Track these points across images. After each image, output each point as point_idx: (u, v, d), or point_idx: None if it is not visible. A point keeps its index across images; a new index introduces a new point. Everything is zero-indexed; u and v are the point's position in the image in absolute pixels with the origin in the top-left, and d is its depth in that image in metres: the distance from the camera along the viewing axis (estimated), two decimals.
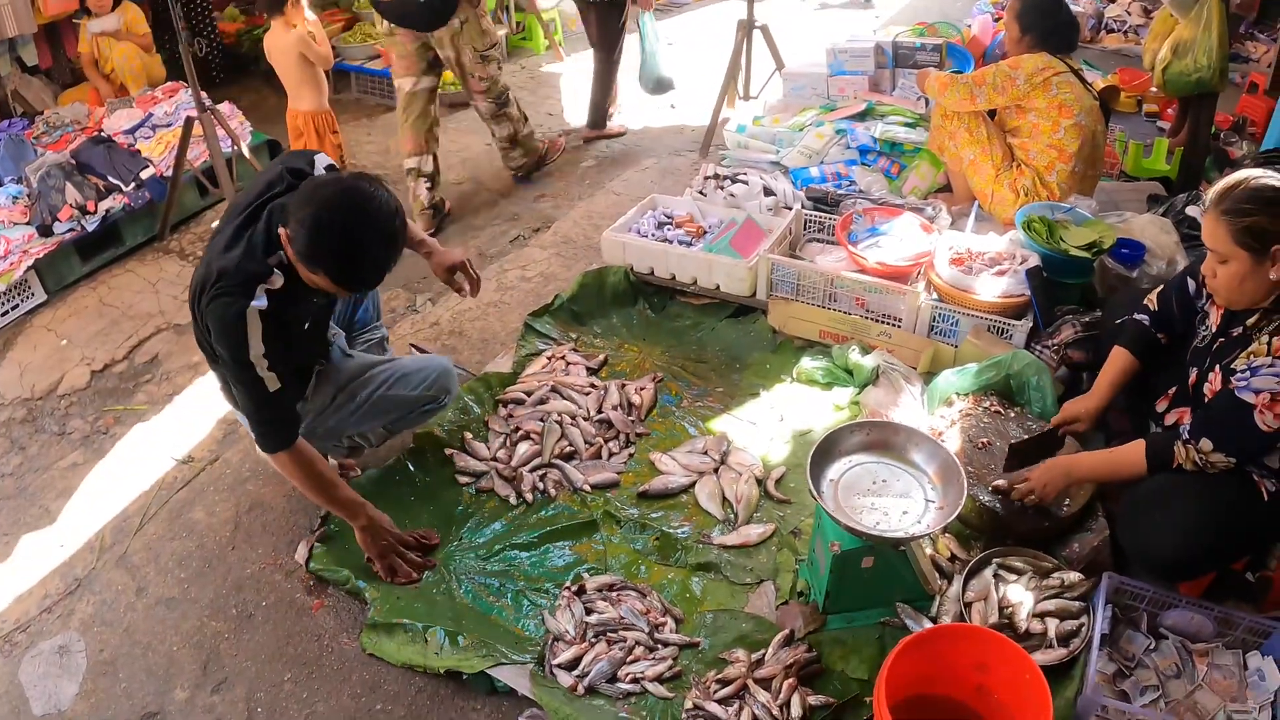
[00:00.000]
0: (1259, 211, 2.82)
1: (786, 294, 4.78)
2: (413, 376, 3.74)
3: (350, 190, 3.03)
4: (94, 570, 3.75)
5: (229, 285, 3.08)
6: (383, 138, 7.86)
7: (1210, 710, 2.97)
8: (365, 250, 3.05)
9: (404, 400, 3.75)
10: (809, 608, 3.34)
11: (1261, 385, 2.83)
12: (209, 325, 3.14)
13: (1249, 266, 2.87)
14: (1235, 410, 2.89)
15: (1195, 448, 2.99)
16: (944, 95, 5.17)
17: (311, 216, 2.96)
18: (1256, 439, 2.88)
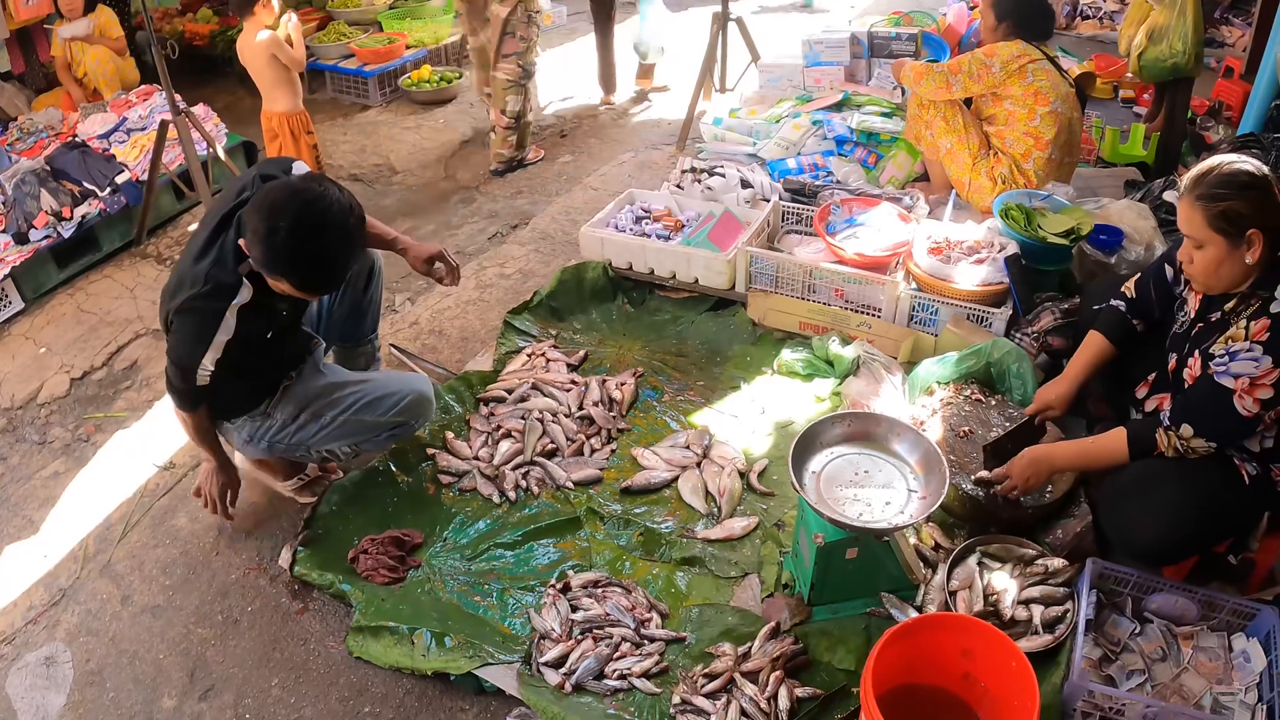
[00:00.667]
0: (1233, 196, 2.83)
1: (765, 286, 4.77)
2: (383, 401, 3.67)
3: (299, 193, 3.03)
4: (78, 580, 3.73)
5: (198, 299, 3.12)
6: (359, 137, 7.83)
7: (1196, 692, 2.98)
8: (324, 251, 3.05)
9: (371, 425, 3.69)
10: (794, 600, 3.34)
11: (1240, 370, 2.84)
12: (175, 334, 3.21)
13: (1225, 251, 2.88)
14: (1215, 395, 2.90)
15: (1176, 434, 3.00)
16: (920, 84, 5.17)
17: (265, 225, 2.97)
18: (1236, 423, 2.90)
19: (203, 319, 3.12)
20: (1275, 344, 2.81)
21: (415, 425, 3.83)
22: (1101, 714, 2.90)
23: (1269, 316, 2.85)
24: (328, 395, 3.63)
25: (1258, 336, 2.84)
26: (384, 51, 8.51)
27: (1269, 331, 2.83)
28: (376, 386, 3.71)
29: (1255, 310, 2.90)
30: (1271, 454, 3.05)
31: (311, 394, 3.63)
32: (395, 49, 8.60)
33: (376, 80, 8.51)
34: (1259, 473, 3.06)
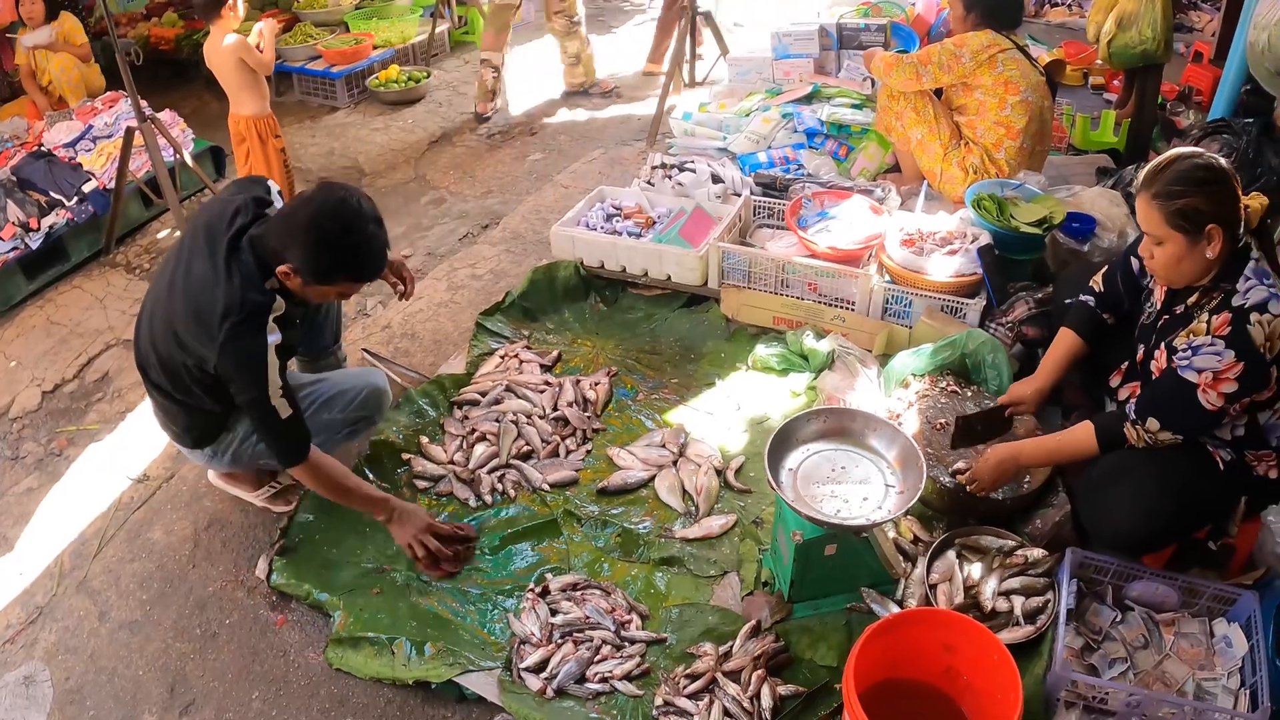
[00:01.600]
0: (1190, 193, 2.82)
1: (738, 282, 4.76)
2: (338, 399, 3.67)
3: (328, 197, 3.15)
4: (55, 597, 3.68)
5: (243, 323, 3.12)
6: (327, 139, 7.78)
7: (1179, 679, 2.99)
8: (370, 240, 3.20)
9: (330, 423, 3.67)
10: (774, 597, 3.33)
11: (1203, 364, 2.85)
12: (227, 361, 3.14)
13: (1184, 248, 2.88)
14: (1179, 390, 2.91)
15: (1143, 428, 3.01)
16: (890, 76, 5.15)
17: (313, 240, 3.09)
18: (1201, 417, 2.91)
19: (255, 341, 3.14)
20: (1237, 338, 2.81)
21: (374, 419, 3.83)
22: (1085, 703, 2.90)
23: (1230, 310, 2.85)
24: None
25: (1219, 331, 2.84)
26: (350, 52, 8.45)
27: (1230, 325, 2.83)
28: (330, 385, 3.71)
29: (1217, 304, 2.90)
30: (1244, 441, 3.05)
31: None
32: (362, 50, 8.54)
33: (344, 81, 8.45)
34: (1233, 458, 3.07)
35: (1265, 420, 3.02)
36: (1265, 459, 3.07)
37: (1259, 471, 3.08)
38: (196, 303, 3.19)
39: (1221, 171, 2.86)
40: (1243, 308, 2.82)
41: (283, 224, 3.18)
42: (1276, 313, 2.80)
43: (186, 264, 3.29)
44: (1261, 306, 2.80)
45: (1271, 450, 3.07)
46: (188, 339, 3.21)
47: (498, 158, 7.26)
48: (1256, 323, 2.79)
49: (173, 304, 3.26)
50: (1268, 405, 2.99)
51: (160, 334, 3.32)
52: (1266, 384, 2.86)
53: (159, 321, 3.33)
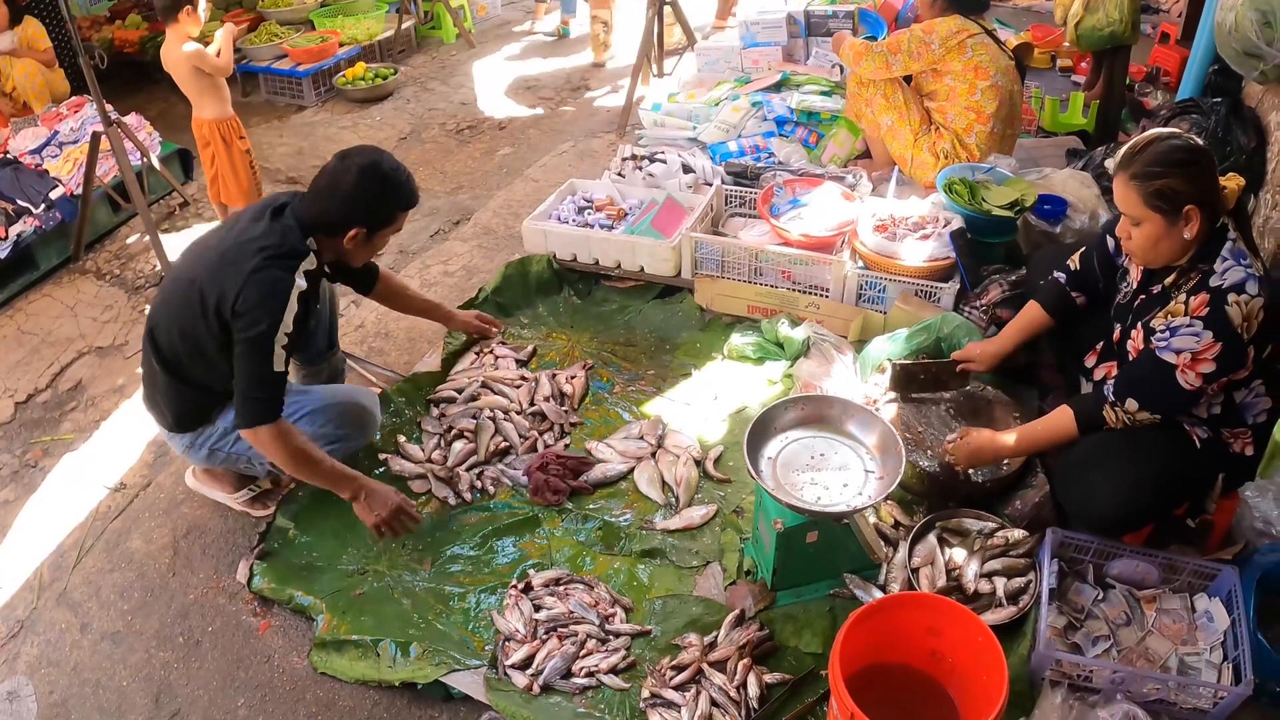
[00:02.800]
0: (1169, 174, 2.82)
1: (712, 271, 4.76)
2: (320, 414, 3.63)
3: (359, 158, 3.45)
4: (35, 610, 3.64)
5: (278, 256, 3.29)
6: (295, 139, 7.74)
7: (1162, 654, 3.00)
8: (401, 169, 3.53)
9: (310, 438, 3.58)
10: (757, 586, 3.32)
11: (1181, 345, 2.85)
12: (251, 288, 3.22)
13: (1162, 228, 2.89)
14: (1157, 371, 2.92)
15: (1122, 409, 3.02)
16: (859, 64, 5.15)
17: (371, 192, 3.42)
18: (1180, 397, 2.92)
19: (285, 277, 3.28)
20: (1215, 319, 2.82)
21: (357, 439, 3.78)
22: (1069, 681, 2.92)
23: (1208, 291, 2.85)
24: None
25: (1197, 312, 2.85)
26: (317, 50, 8.41)
27: (1209, 306, 2.83)
28: (316, 399, 3.67)
29: (1195, 285, 2.90)
30: (1220, 419, 3.07)
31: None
32: (328, 48, 8.50)
33: (311, 80, 8.42)
34: (1210, 436, 3.08)
35: (1241, 399, 3.04)
36: (1240, 436, 3.10)
37: (1235, 449, 3.10)
38: (232, 248, 3.33)
39: (1200, 152, 2.87)
40: (1220, 288, 2.83)
41: (330, 196, 3.41)
42: (1254, 293, 2.81)
43: (225, 229, 3.50)
44: (1239, 287, 2.81)
45: (1247, 428, 3.09)
46: (212, 284, 3.27)
47: (467, 153, 7.25)
48: (1234, 303, 2.80)
49: (204, 259, 3.38)
50: (1243, 384, 3.00)
51: (181, 293, 3.38)
52: (1243, 364, 2.88)
53: (182, 282, 3.39)
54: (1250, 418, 3.08)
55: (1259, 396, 3.05)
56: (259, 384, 3.29)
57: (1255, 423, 3.09)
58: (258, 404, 3.31)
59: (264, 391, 3.31)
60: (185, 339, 3.39)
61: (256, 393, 3.30)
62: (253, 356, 3.25)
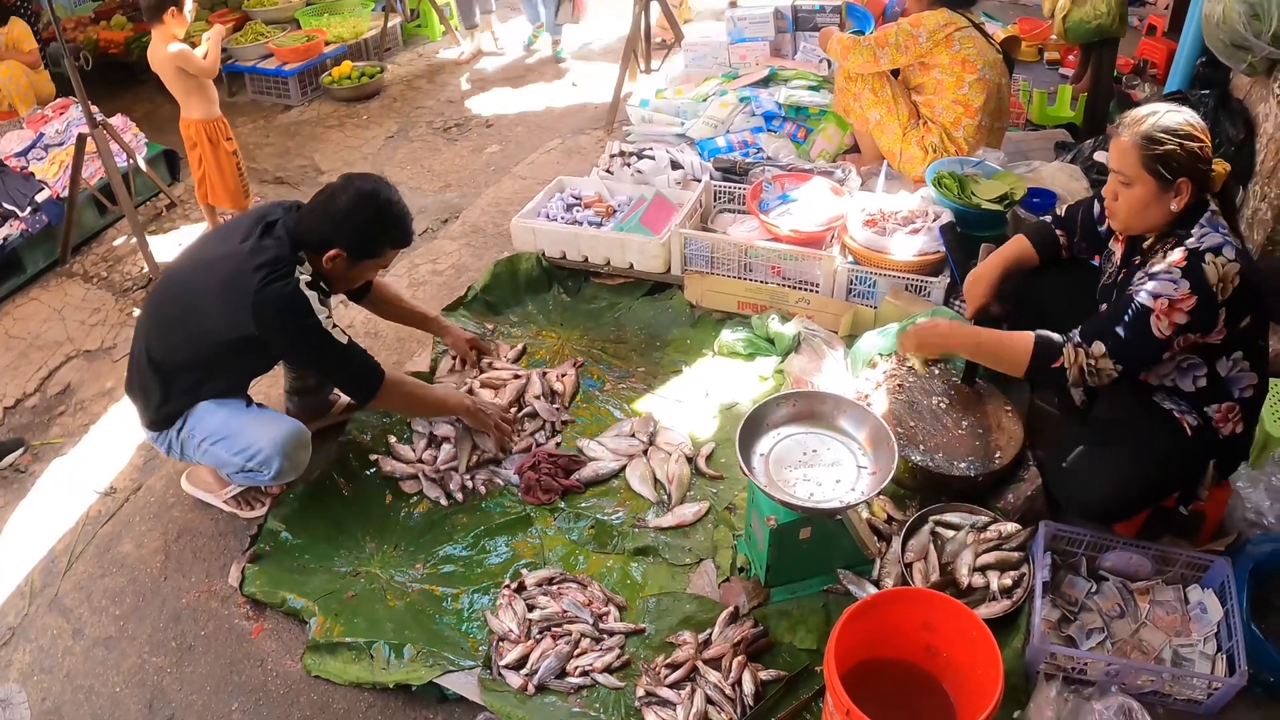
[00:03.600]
0: (1171, 142, 2.84)
1: (701, 267, 4.75)
2: (235, 440, 3.54)
3: (360, 183, 3.49)
4: (27, 617, 3.62)
5: (276, 272, 3.32)
6: (282, 139, 7.71)
7: (1156, 646, 3.01)
8: (407, 212, 3.59)
9: (225, 462, 3.59)
10: (751, 583, 3.32)
11: (1158, 290, 2.84)
12: (267, 312, 3.31)
13: (1153, 193, 2.91)
14: (1131, 312, 2.89)
15: (1086, 350, 2.96)
16: (847, 59, 5.15)
17: (361, 220, 3.44)
18: (1148, 346, 2.89)
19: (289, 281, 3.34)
20: (1192, 272, 2.82)
21: (266, 477, 3.59)
22: (1064, 674, 2.92)
23: (1185, 249, 2.87)
24: (208, 415, 3.59)
25: (1176, 264, 2.85)
26: (303, 49, 8.37)
27: (1186, 260, 2.84)
28: (235, 425, 3.55)
29: (1172, 246, 2.93)
30: (1206, 395, 3.07)
31: (197, 415, 3.60)
32: (314, 46, 8.47)
33: (297, 79, 8.38)
34: (1200, 422, 3.08)
35: (1225, 372, 3.03)
36: (1230, 415, 3.09)
37: (1225, 430, 3.10)
38: (225, 272, 3.38)
39: (1203, 131, 2.90)
40: (1198, 249, 2.85)
41: (322, 214, 3.44)
42: (1230, 257, 2.82)
43: (217, 240, 3.61)
44: (1216, 249, 2.83)
45: (1235, 402, 3.08)
46: (220, 315, 3.37)
47: (455, 151, 7.22)
48: (1211, 263, 2.81)
49: (204, 280, 3.45)
50: (1223, 353, 3.00)
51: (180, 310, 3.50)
52: (1214, 325, 2.87)
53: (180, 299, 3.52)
54: (1237, 392, 3.07)
55: (1243, 371, 3.04)
56: (344, 362, 3.53)
57: (1242, 398, 3.08)
58: (356, 378, 3.61)
59: (350, 365, 3.55)
60: (177, 353, 3.50)
61: (346, 371, 3.58)
62: (320, 352, 3.46)
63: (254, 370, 3.77)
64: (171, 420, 3.62)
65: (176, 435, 3.62)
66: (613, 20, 9.46)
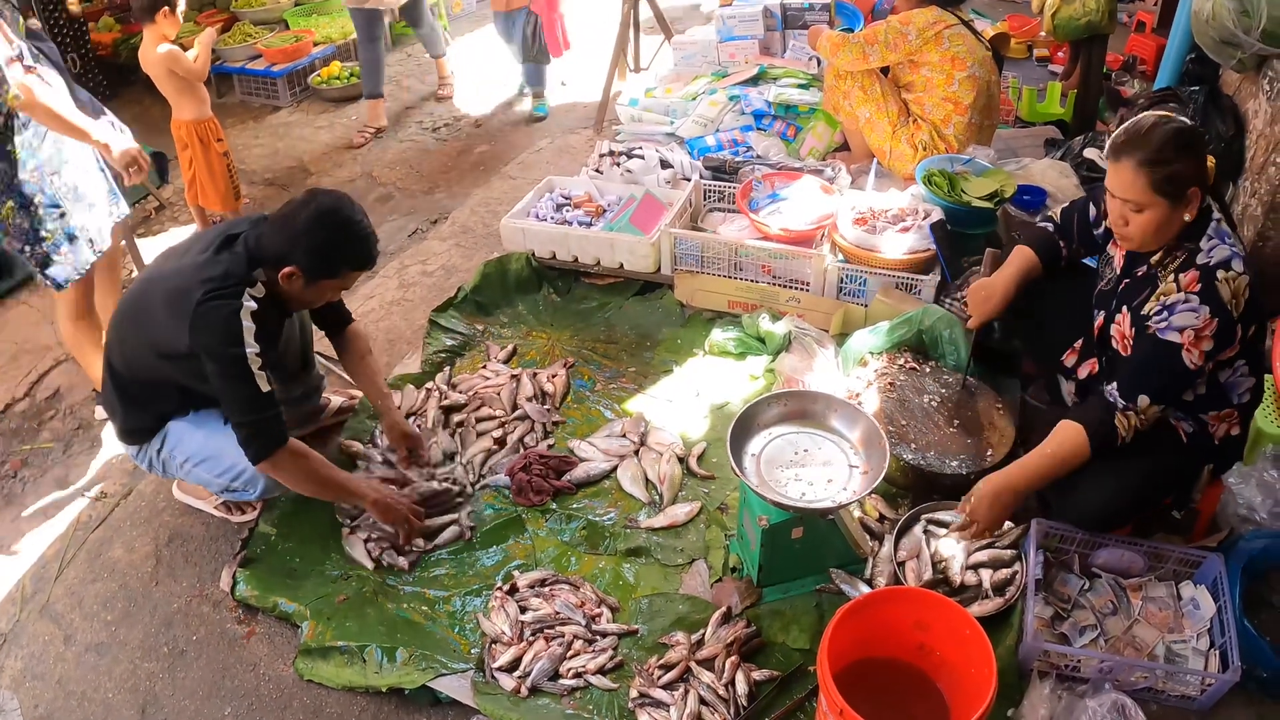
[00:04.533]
0: (1177, 158, 2.79)
1: (691, 267, 4.75)
2: (217, 461, 3.51)
3: (323, 200, 3.31)
4: (18, 623, 3.60)
5: (221, 289, 3.19)
6: (271, 140, 7.70)
7: (1149, 643, 3.01)
8: (370, 233, 3.39)
9: (209, 483, 3.60)
10: (743, 583, 3.32)
11: (1183, 323, 2.82)
12: (200, 328, 3.16)
13: (1167, 213, 2.85)
14: (1162, 354, 2.86)
15: (1135, 410, 2.91)
16: (836, 56, 5.15)
17: (320, 238, 3.25)
18: (1184, 378, 2.88)
19: (228, 303, 3.19)
20: (1208, 294, 2.80)
21: (251, 495, 3.61)
22: (1058, 672, 2.93)
23: (1197, 268, 2.84)
24: (187, 436, 3.57)
25: (1190, 288, 2.83)
26: (291, 50, 8.35)
27: (1200, 283, 2.82)
28: (222, 446, 3.49)
29: (1181, 263, 2.89)
30: (1204, 402, 3.06)
31: (183, 428, 3.58)
32: (302, 47, 8.45)
33: (285, 80, 8.36)
34: (1195, 429, 3.08)
35: (1226, 379, 3.02)
36: (1227, 419, 3.08)
37: (1219, 434, 3.09)
38: (174, 284, 3.26)
39: (1200, 133, 2.90)
40: (1209, 265, 2.83)
41: (281, 228, 3.27)
42: (1240, 270, 2.81)
43: (174, 255, 3.47)
44: (1225, 264, 2.81)
45: (1232, 408, 3.08)
46: (162, 325, 3.26)
47: (444, 151, 7.22)
48: (1223, 280, 2.80)
49: (156, 291, 3.33)
50: (1229, 363, 2.99)
51: (132, 320, 3.41)
52: (1233, 341, 2.87)
53: (132, 310, 3.42)
54: (1235, 397, 3.06)
55: (1243, 376, 3.04)
56: (249, 407, 3.24)
57: (1240, 402, 3.08)
58: (256, 429, 3.27)
59: (256, 414, 3.25)
60: (131, 364, 3.46)
61: (250, 416, 3.25)
62: (234, 384, 3.21)
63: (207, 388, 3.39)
64: (139, 436, 3.60)
65: (157, 455, 3.60)
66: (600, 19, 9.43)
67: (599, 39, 8.29)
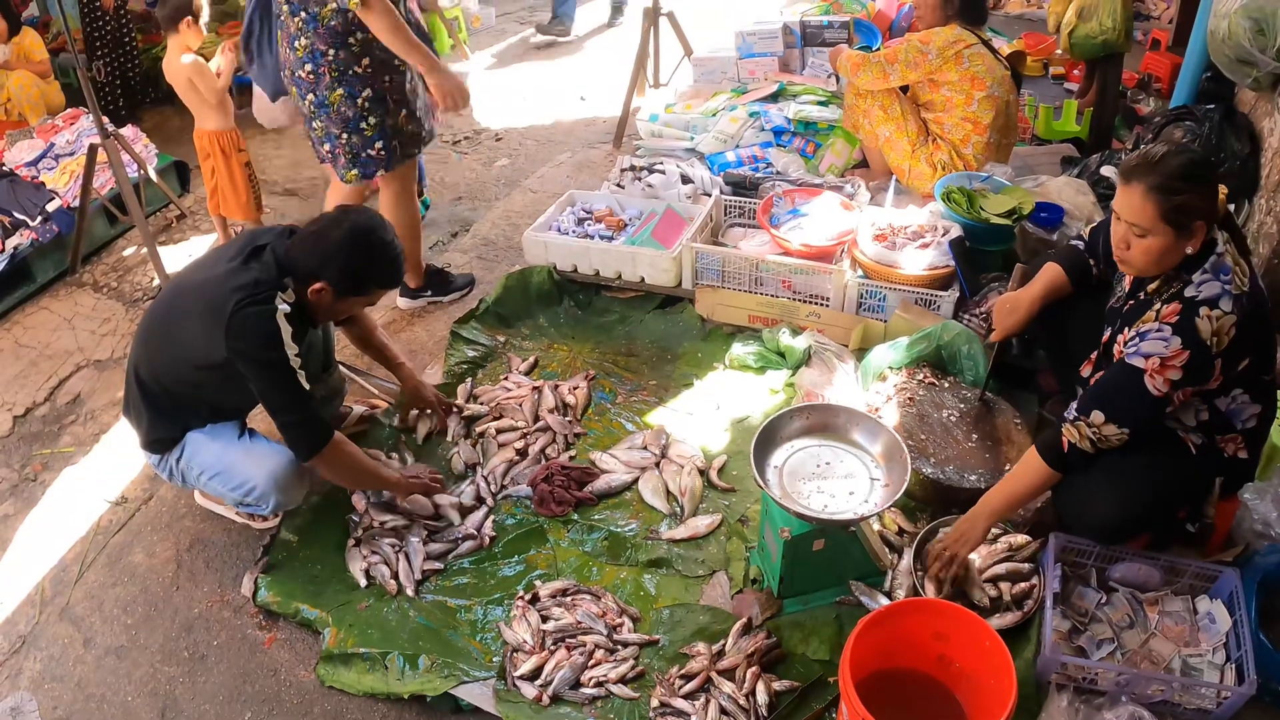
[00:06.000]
0: (1188, 189, 2.81)
1: (712, 281, 4.78)
2: (230, 475, 3.57)
3: (356, 219, 3.43)
4: (38, 625, 3.63)
5: (254, 295, 3.26)
6: (292, 151, 7.73)
7: (1165, 656, 3.03)
8: (400, 254, 3.51)
9: (224, 495, 3.67)
10: (764, 594, 3.35)
11: (1150, 350, 2.85)
12: (238, 335, 3.23)
13: (1170, 242, 2.87)
14: (1124, 376, 2.90)
15: (1086, 422, 2.96)
16: (857, 75, 5.19)
17: (352, 256, 3.36)
18: (1146, 405, 2.89)
19: (265, 308, 3.26)
20: (1183, 327, 2.82)
21: (264, 510, 3.68)
22: (1075, 685, 2.94)
23: (1181, 301, 2.87)
24: (200, 449, 3.62)
25: (1167, 319, 2.86)
26: None
27: (1179, 315, 2.84)
28: (236, 460, 3.57)
29: (1171, 294, 2.92)
30: (1209, 425, 3.09)
31: (196, 443, 3.62)
32: None
33: None
34: (1204, 441, 3.10)
35: (1225, 406, 3.05)
36: (1233, 441, 3.11)
37: (1229, 453, 3.12)
38: (205, 294, 3.33)
39: (1213, 166, 2.92)
40: (1194, 299, 2.85)
41: (313, 244, 3.37)
42: (1226, 310, 2.82)
43: (202, 266, 3.56)
44: (1212, 302, 2.83)
45: (1237, 433, 3.10)
46: (194, 337, 3.32)
47: (465, 164, 7.25)
48: (1205, 316, 2.81)
49: (184, 304, 3.41)
50: (1222, 393, 3.02)
51: (160, 332, 3.48)
52: (1208, 378, 2.89)
53: (161, 322, 3.50)
54: (1239, 423, 3.08)
55: (1245, 404, 3.05)
56: (295, 407, 3.36)
57: (1246, 428, 3.10)
58: (303, 428, 3.41)
59: (302, 413, 3.38)
60: (161, 376, 3.51)
61: (296, 416, 3.38)
62: (278, 387, 3.32)
63: (238, 399, 3.62)
64: (162, 446, 3.64)
65: (176, 464, 3.64)
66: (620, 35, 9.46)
67: (620, 54, 8.31)
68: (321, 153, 4.54)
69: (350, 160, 4.43)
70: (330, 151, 4.46)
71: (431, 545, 3.67)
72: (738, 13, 8.30)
